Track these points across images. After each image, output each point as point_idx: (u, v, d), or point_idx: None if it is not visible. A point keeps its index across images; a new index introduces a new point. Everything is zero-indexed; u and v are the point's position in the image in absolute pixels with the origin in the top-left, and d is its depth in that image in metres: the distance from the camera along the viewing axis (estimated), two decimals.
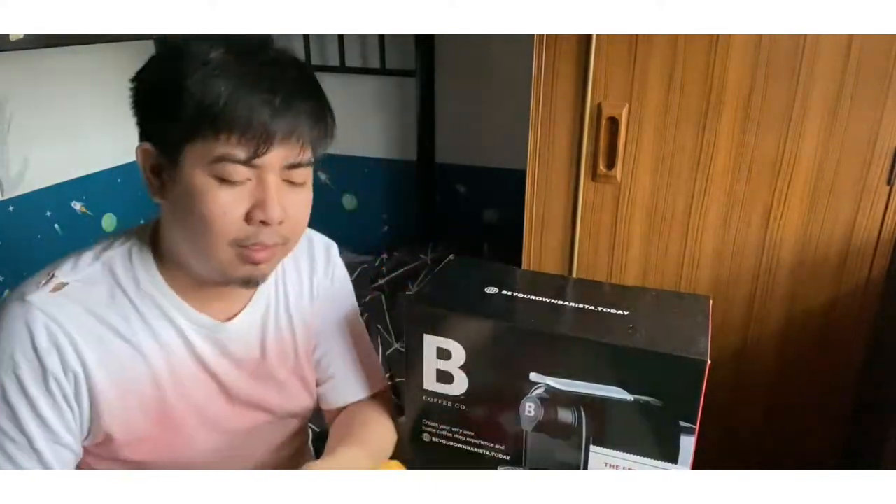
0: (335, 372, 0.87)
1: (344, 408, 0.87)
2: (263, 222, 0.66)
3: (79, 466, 0.72)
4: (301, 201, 0.70)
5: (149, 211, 0.75)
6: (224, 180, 0.64)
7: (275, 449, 0.85)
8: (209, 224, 0.65)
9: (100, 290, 0.70)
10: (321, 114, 0.68)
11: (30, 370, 0.65)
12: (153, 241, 0.73)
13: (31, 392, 0.65)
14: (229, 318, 0.77)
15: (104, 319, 0.69)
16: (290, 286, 0.83)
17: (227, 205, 0.64)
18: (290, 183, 0.68)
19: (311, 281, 0.86)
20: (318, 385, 0.88)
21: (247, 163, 0.64)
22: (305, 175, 0.69)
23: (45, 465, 0.66)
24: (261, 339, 0.80)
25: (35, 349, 0.65)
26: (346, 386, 0.87)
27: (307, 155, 0.68)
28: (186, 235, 0.68)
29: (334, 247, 0.91)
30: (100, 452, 0.72)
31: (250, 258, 0.68)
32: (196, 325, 0.74)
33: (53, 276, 0.69)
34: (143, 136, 0.69)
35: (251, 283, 0.71)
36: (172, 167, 0.66)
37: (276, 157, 0.65)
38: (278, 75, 0.65)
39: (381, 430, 0.84)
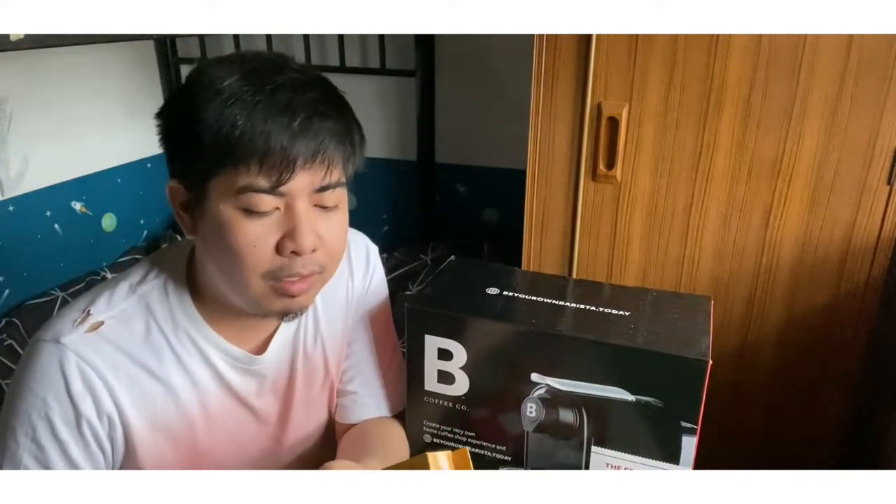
0: (359, 387, 0.84)
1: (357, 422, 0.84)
2: (295, 252, 0.63)
3: None
4: (335, 226, 0.67)
5: (149, 211, 0.75)
6: (251, 212, 0.62)
7: (304, 462, 0.83)
8: (240, 258, 0.63)
9: (135, 326, 0.69)
10: (346, 132, 0.65)
11: (62, 413, 0.64)
12: (188, 273, 0.72)
13: (62, 436, 0.65)
14: (262, 346, 0.75)
15: (137, 359, 0.68)
16: (320, 295, 0.78)
17: (256, 237, 0.62)
18: (322, 207, 0.65)
19: (347, 288, 0.82)
20: (338, 396, 0.85)
21: (271, 191, 0.61)
22: (337, 197, 0.66)
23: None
24: (291, 360, 0.78)
25: (69, 393, 0.64)
26: (370, 402, 0.84)
27: (336, 176, 0.65)
28: (219, 270, 0.66)
29: (375, 249, 0.88)
30: None
31: (286, 291, 0.65)
32: (228, 357, 0.72)
33: (89, 313, 0.67)
34: (172, 173, 0.67)
35: (289, 315, 0.69)
36: (199, 202, 0.64)
37: (301, 182, 0.62)
38: (295, 97, 0.62)
39: (401, 450, 0.80)
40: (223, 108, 0.60)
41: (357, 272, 0.84)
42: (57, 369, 0.64)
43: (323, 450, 0.85)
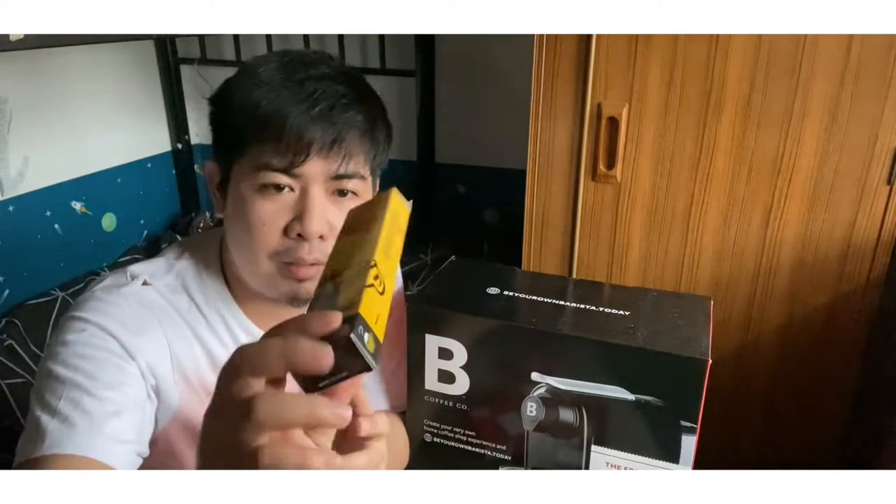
0: (367, 379, 0.85)
1: None
2: (301, 236, 0.65)
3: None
4: None
5: (149, 211, 0.76)
6: (266, 190, 0.65)
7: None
8: (251, 235, 0.65)
9: (177, 297, 0.71)
10: (369, 125, 0.67)
11: (114, 334, 0.64)
12: (221, 254, 0.74)
13: (111, 359, 0.64)
14: None
15: (186, 319, 0.70)
16: None
17: (267, 214, 0.65)
18: (340, 195, 0.67)
19: None
20: None
21: (286, 172, 0.64)
22: (354, 186, 0.67)
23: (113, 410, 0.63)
24: None
25: (123, 322, 0.65)
26: (375, 395, 0.84)
27: (354, 166, 0.66)
28: (235, 247, 0.69)
29: None
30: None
31: (292, 274, 0.67)
32: (254, 340, 0.73)
33: (135, 276, 0.70)
34: (213, 154, 0.71)
35: (296, 300, 0.70)
36: (228, 182, 0.68)
37: (316, 167, 0.64)
38: (321, 87, 0.64)
39: (401, 443, 0.81)
40: (253, 91, 0.64)
41: None
42: (111, 303, 0.66)
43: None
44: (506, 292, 0.78)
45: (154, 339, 0.67)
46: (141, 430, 0.65)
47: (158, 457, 0.71)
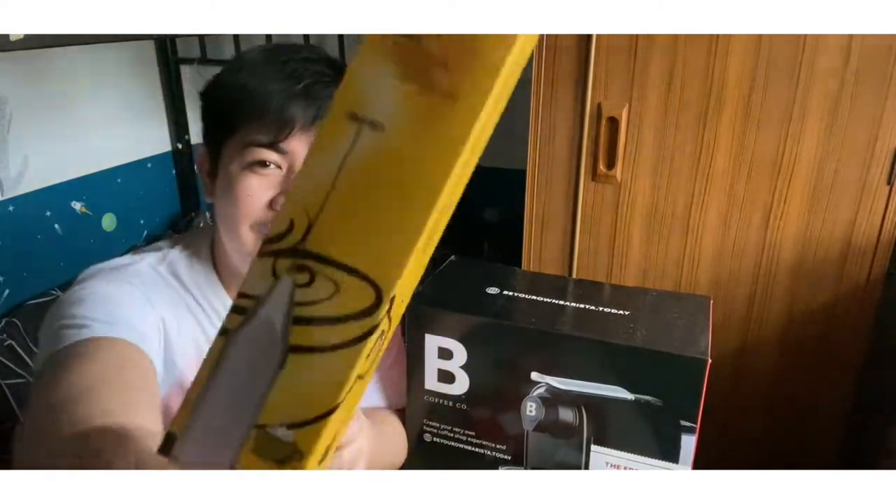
0: None
1: None
2: None
3: None
4: None
5: (149, 211, 0.77)
6: (253, 167, 0.67)
7: None
8: (235, 207, 0.67)
9: (172, 287, 0.73)
10: None
11: (122, 295, 0.66)
12: (212, 248, 0.76)
13: (120, 310, 0.64)
14: None
15: (186, 301, 0.72)
16: None
17: (252, 188, 0.67)
18: None
19: None
20: None
21: (271, 146, 0.66)
22: None
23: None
24: None
25: (130, 288, 0.67)
26: (370, 393, 0.85)
27: None
28: (222, 225, 0.71)
29: None
30: None
31: None
32: None
33: (137, 258, 0.72)
34: (204, 145, 0.74)
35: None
36: (217, 166, 0.71)
37: (301, 144, 0.67)
38: (303, 66, 0.67)
39: (397, 440, 0.81)
40: (237, 73, 0.68)
41: None
42: (118, 272, 0.68)
43: None
44: (505, 292, 0.78)
45: (151, 310, 0.68)
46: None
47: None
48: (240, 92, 0.67)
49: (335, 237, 0.29)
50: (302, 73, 0.67)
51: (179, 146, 2.09)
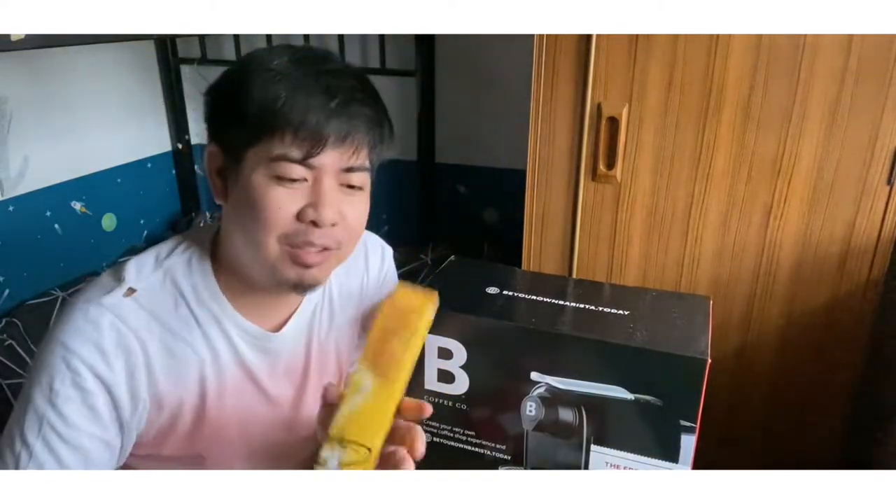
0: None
1: None
2: (314, 223, 0.67)
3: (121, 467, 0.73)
4: (357, 207, 0.71)
5: (149, 211, 0.76)
6: (281, 179, 0.66)
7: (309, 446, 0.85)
8: (261, 217, 0.66)
9: (165, 298, 0.71)
10: (377, 120, 0.70)
11: (91, 366, 0.65)
12: (213, 247, 0.75)
13: (88, 385, 0.66)
14: (279, 326, 0.77)
15: (171, 328, 0.70)
16: (336, 286, 0.83)
17: (281, 200, 0.66)
18: (348, 187, 0.69)
19: (362, 282, 0.86)
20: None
21: (302, 162, 0.65)
22: (362, 180, 0.70)
23: (84, 457, 0.66)
24: (306, 345, 0.80)
25: (102, 349, 0.66)
26: None
27: (361, 159, 0.69)
28: (241, 233, 0.70)
29: (389, 251, 0.91)
30: (139, 452, 0.73)
31: (300, 259, 0.68)
32: (245, 334, 0.74)
33: (123, 279, 0.70)
34: (211, 139, 0.71)
35: (301, 287, 0.71)
36: (235, 170, 0.69)
37: (330, 158, 0.66)
38: (337, 82, 0.67)
39: None
40: (271, 84, 0.66)
41: (373, 268, 0.87)
42: (92, 325, 0.66)
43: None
44: (505, 292, 0.78)
45: (132, 363, 0.68)
46: (112, 457, 0.69)
47: (184, 461, 0.75)
48: (273, 102, 0.65)
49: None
50: (336, 88, 0.66)
51: (179, 146, 2.09)
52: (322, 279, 0.72)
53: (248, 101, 0.66)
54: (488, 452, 0.77)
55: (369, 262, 0.87)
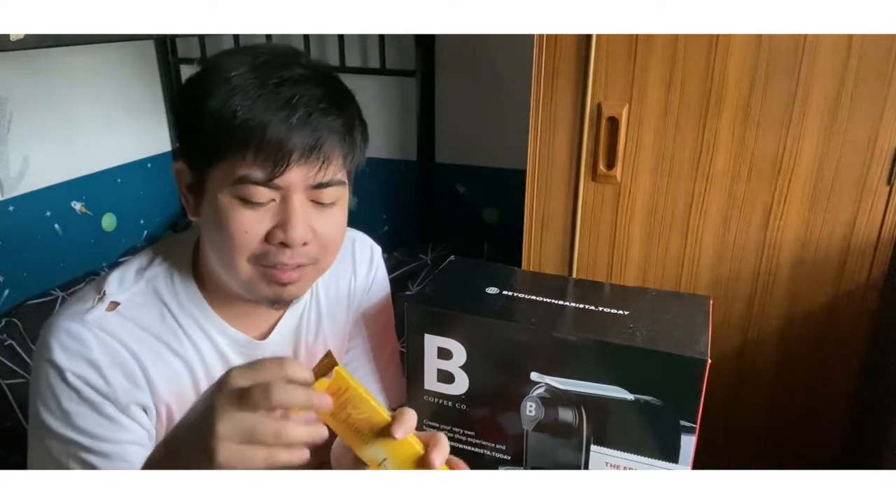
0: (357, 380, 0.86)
1: None
2: (284, 244, 0.64)
3: None
4: (331, 222, 0.67)
5: (149, 211, 0.76)
6: (247, 202, 0.63)
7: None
8: (230, 241, 0.64)
9: (149, 308, 0.70)
10: (346, 128, 0.65)
11: (88, 381, 0.64)
12: (195, 254, 0.73)
13: (93, 397, 0.65)
14: (265, 333, 0.76)
15: (159, 336, 0.69)
16: (323, 290, 0.81)
17: (247, 224, 0.63)
18: (320, 204, 0.66)
19: (350, 284, 0.84)
20: None
21: (267, 183, 0.62)
22: (335, 195, 0.66)
23: (122, 461, 0.65)
24: (294, 350, 0.79)
25: (97, 365, 0.65)
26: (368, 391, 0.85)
27: (334, 172, 0.65)
28: (213, 251, 0.68)
29: (378, 250, 0.89)
30: None
31: (275, 278, 0.66)
32: (232, 342, 0.73)
33: (105, 293, 0.68)
34: (180, 154, 0.69)
35: (278, 303, 0.70)
36: (201, 187, 0.66)
37: (297, 175, 0.62)
38: (298, 92, 0.62)
39: None
40: (227, 98, 0.61)
41: (360, 270, 0.85)
42: (79, 342, 0.64)
43: (325, 444, 0.86)
44: (505, 292, 0.78)
45: (129, 372, 0.67)
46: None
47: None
48: (230, 119, 0.60)
49: None
50: (298, 100, 0.61)
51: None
52: (301, 293, 0.70)
53: (204, 116, 0.62)
54: (488, 452, 0.77)
55: (357, 263, 0.84)
